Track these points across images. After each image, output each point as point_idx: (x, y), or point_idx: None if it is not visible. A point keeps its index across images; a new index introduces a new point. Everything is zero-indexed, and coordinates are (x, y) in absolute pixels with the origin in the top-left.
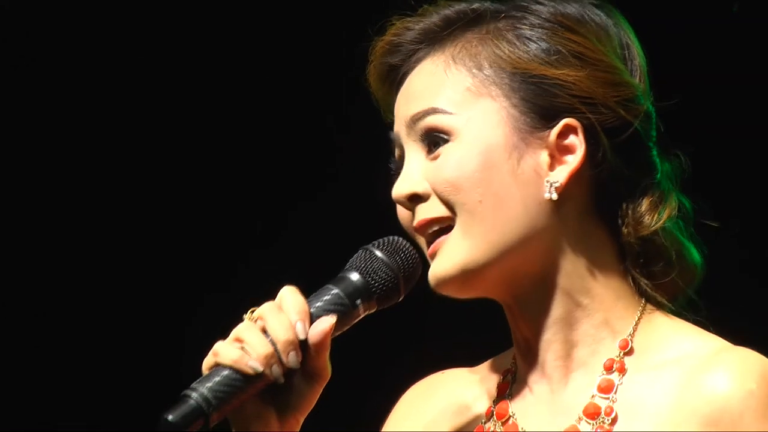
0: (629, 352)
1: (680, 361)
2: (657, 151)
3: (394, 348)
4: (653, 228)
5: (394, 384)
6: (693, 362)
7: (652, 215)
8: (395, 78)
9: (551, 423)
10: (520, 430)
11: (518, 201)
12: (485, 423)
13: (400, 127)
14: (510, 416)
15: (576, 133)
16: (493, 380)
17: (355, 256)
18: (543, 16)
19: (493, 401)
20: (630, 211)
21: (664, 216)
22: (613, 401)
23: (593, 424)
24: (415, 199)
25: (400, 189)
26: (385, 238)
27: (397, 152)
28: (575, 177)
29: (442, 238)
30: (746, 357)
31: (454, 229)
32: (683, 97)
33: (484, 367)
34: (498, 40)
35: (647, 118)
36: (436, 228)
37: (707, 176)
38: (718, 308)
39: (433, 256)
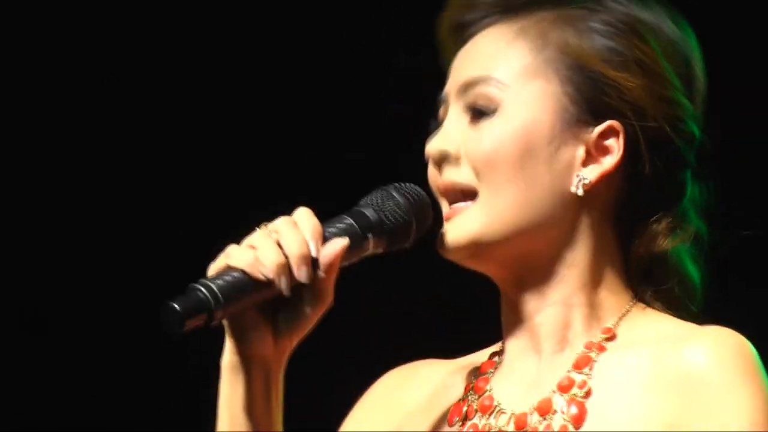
0: (611, 338)
1: (658, 339)
2: (691, 176)
3: (365, 340)
4: (663, 248)
5: (360, 374)
6: (670, 339)
7: (666, 237)
8: (462, 35)
9: (526, 397)
10: (495, 403)
11: (546, 188)
12: (462, 398)
13: (451, 87)
14: (487, 390)
15: (617, 137)
16: (476, 365)
17: (371, 193)
18: (617, 16)
19: (475, 377)
20: (647, 228)
21: (677, 240)
22: (588, 376)
23: (566, 397)
24: (445, 158)
25: (434, 144)
26: (404, 183)
27: (441, 111)
28: (605, 180)
29: (461, 205)
30: (721, 331)
31: (476, 202)
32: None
33: (465, 358)
34: (569, 27)
35: (690, 143)
36: (459, 193)
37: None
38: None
39: (448, 220)
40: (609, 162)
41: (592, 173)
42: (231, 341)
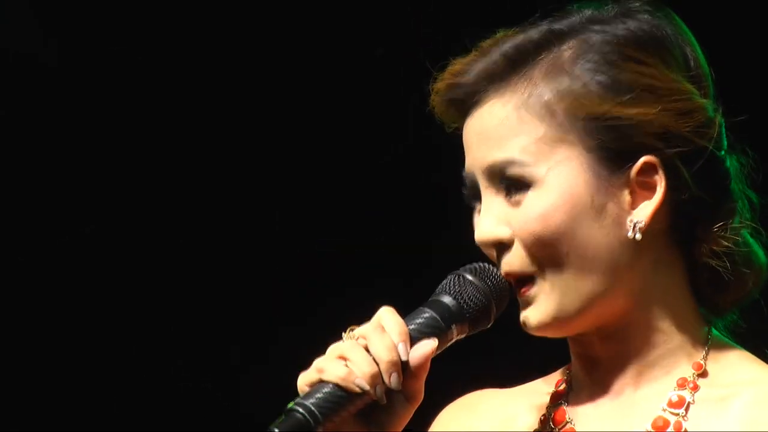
0: (703, 374)
1: (751, 385)
2: (728, 159)
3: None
4: (728, 243)
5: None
6: (763, 390)
7: (726, 230)
8: (460, 108)
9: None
10: None
11: (603, 246)
12: (539, 429)
13: (474, 167)
14: (567, 421)
15: (656, 170)
16: (543, 393)
17: (445, 280)
18: (605, 48)
19: (548, 408)
20: (706, 231)
21: (739, 228)
22: (683, 418)
23: None
24: (498, 245)
25: (483, 234)
26: (475, 264)
27: (469, 186)
28: (656, 213)
29: (531, 289)
30: None
31: (544, 282)
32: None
33: (527, 386)
34: (564, 77)
35: (719, 134)
36: (522, 276)
37: None
38: None
39: (523, 302)
40: (656, 197)
41: (643, 213)
42: None
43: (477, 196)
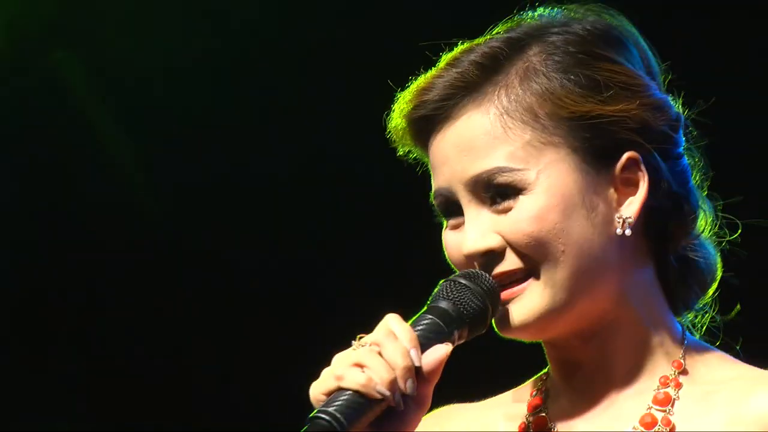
0: (683, 372)
1: (730, 382)
2: (685, 155)
3: None
4: (699, 236)
5: None
6: (742, 384)
7: (694, 224)
8: (426, 126)
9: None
10: None
11: (596, 243)
12: None
13: (452, 182)
14: (550, 428)
15: (638, 166)
16: (518, 404)
17: (440, 287)
18: (572, 50)
19: (527, 417)
20: (676, 225)
21: (709, 222)
22: (670, 414)
23: None
24: (488, 254)
25: (474, 245)
26: (469, 270)
27: (443, 201)
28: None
29: (521, 286)
30: None
31: (537, 279)
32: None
33: (497, 398)
34: (545, 81)
35: (679, 126)
36: (512, 277)
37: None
38: None
39: (510, 301)
40: (641, 192)
41: (631, 210)
42: None
43: (451, 211)
